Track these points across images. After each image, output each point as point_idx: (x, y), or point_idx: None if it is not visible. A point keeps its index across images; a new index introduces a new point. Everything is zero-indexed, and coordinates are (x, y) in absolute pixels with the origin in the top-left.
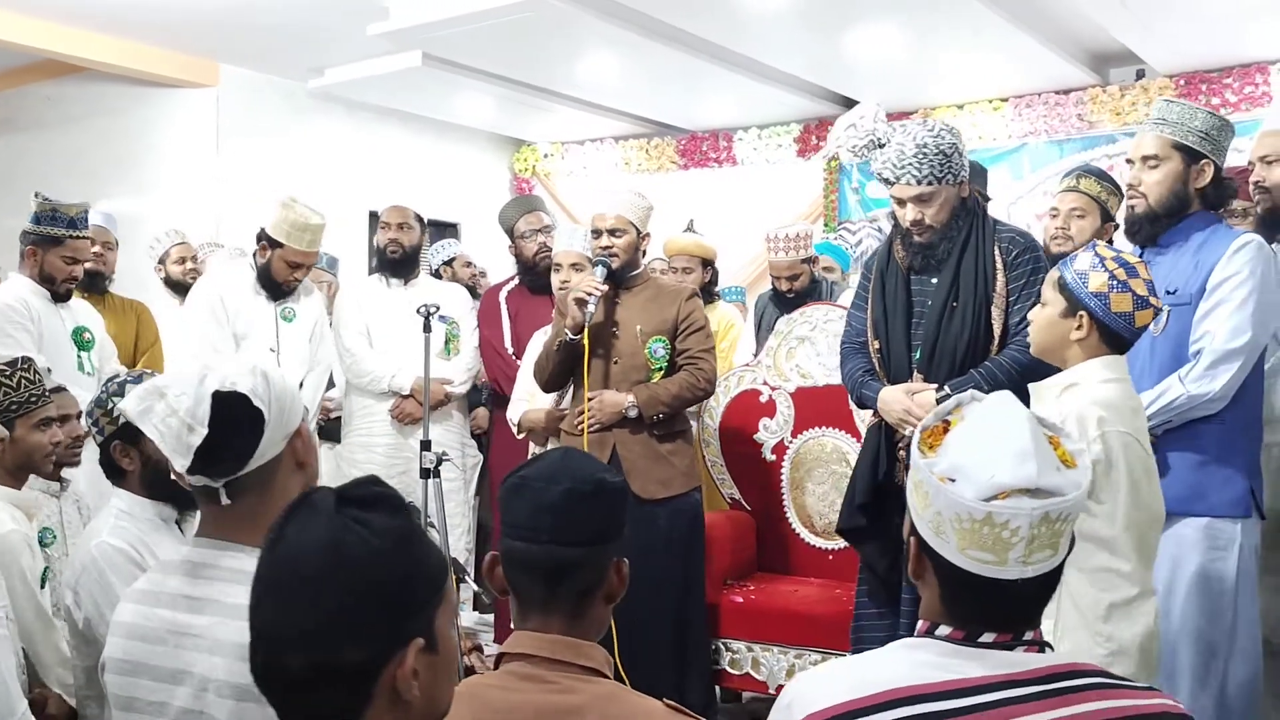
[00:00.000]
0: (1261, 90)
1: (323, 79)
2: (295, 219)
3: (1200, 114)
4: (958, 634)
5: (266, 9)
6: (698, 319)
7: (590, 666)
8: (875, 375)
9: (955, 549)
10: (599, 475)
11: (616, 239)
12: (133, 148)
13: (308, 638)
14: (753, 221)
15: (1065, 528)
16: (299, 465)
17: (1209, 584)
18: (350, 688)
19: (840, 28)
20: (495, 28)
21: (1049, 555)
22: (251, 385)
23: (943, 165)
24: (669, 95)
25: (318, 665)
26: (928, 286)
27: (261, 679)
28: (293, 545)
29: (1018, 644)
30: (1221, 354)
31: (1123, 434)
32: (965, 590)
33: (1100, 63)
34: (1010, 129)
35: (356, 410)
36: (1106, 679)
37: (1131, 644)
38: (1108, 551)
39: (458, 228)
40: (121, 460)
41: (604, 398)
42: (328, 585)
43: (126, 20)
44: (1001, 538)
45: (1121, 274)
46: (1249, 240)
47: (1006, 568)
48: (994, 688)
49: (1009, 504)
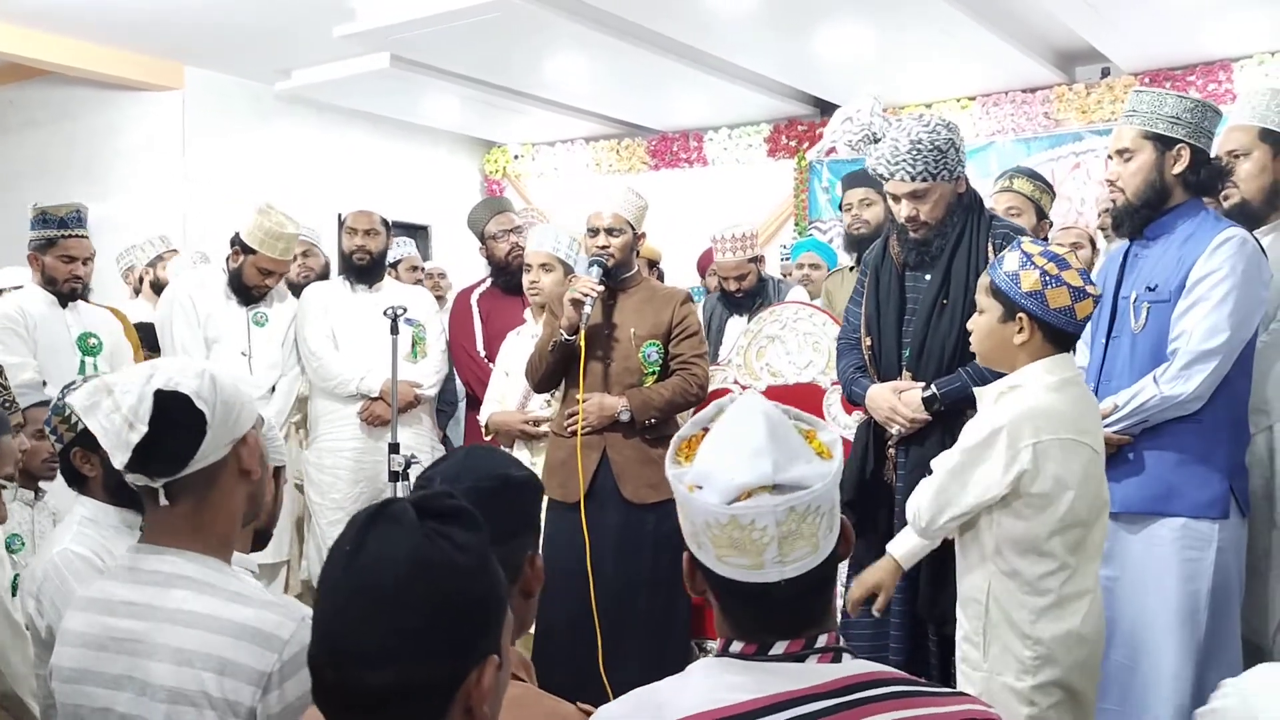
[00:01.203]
0: (1225, 87)
1: (290, 81)
2: (271, 226)
3: (1169, 99)
4: (750, 648)
5: (232, 11)
6: (692, 323)
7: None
8: (866, 372)
9: (714, 558)
10: (503, 471)
11: (613, 238)
12: (98, 152)
13: (394, 653)
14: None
15: (820, 521)
16: (243, 473)
17: (1185, 585)
18: (428, 705)
19: (808, 28)
20: (463, 29)
21: (808, 552)
22: (196, 386)
23: (937, 161)
24: (639, 96)
25: (403, 681)
26: (921, 283)
27: (330, 694)
28: (375, 556)
29: (810, 652)
30: (1197, 354)
31: (1061, 440)
32: (737, 599)
33: (1066, 61)
34: (978, 127)
35: (323, 414)
36: (907, 686)
37: (1055, 643)
38: (1036, 554)
39: (428, 230)
40: (82, 466)
41: (595, 401)
42: (416, 599)
43: (90, 23)
44: (752, 539)
45: (1053, 268)
46: (1231, 236)
47: (765, 570)
48: (789, 704)
49: (751, 503)
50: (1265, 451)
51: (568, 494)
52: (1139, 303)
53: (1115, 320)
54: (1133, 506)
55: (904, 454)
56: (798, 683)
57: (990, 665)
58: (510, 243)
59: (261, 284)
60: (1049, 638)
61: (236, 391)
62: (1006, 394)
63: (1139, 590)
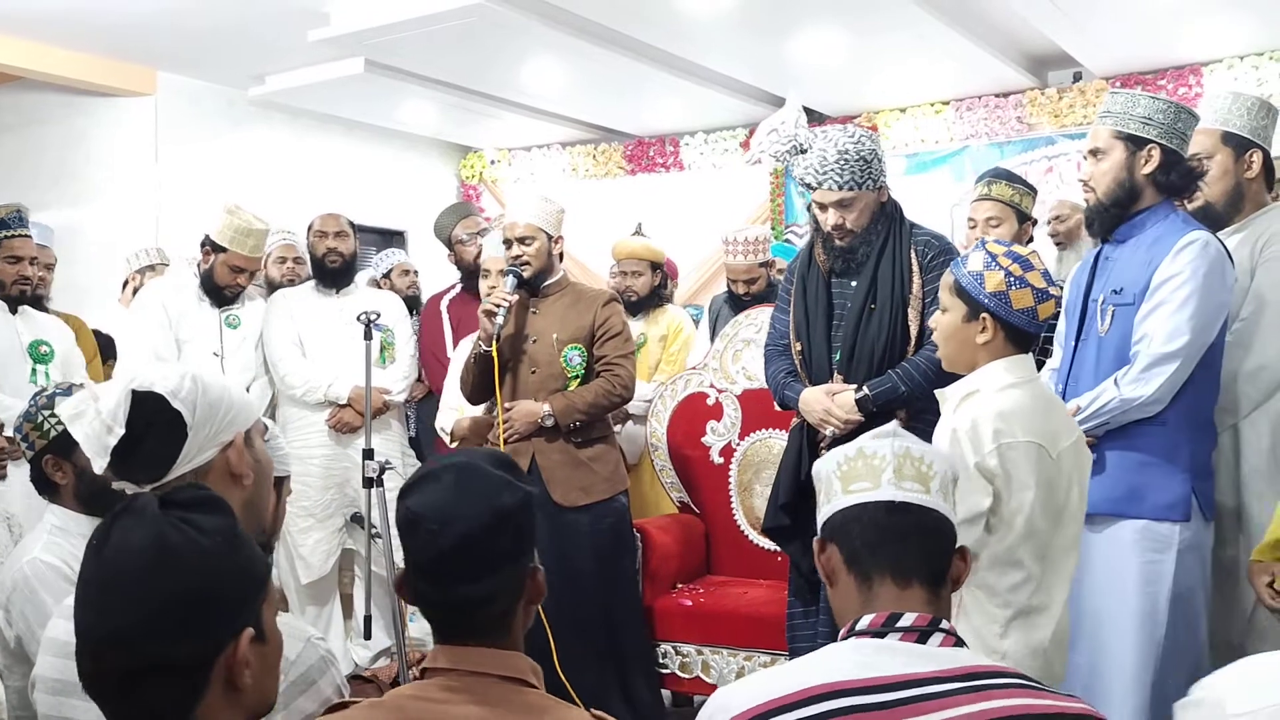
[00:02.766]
0: (1195, 91)
1: (264, 86)
2: (240, 224)
3: (1142, 99)
4: (878, 620)
5: (204, 16)
6: (614, 325)
7: (515, 677)
8: (797, 377)
9: (840, 493)
10: (495, 504)
11: (526, 247)
12: (69, 158)
13: (137, 633)
14: (701, 226)
15: (930, 470)
16: (234, 478)
17: (1145, 587)
18: (184, 680)
19: (782, 32)
20: (438, 33)
21: (919, 489)
22: (173, 387)
23: (863, 171)
24: (615, 101)
25: (151, 662)
26: (847, 289)
27: (92, 680)
28: (118, 547)
29: (935, 630)
30: (1157, 357)
31: (1024, 443)
32: (860, 535)
33: (1038, 66)
34: (952, 131)
35: (290, 421)
36: (1027, 680)
37: (1025, 654)
38: (1007, 565)
39: (404, 235)
40: (54, 474)
41: (519, 408)
42: (155, 583)
43: (60, 27)
44: (873, 465)
45: (1017, 269)
46: (1194, 239)
47: (881, 489)
48: (915, 684)
49: (875, 441)
50: (1231, 451)
51: None
52: (1105, 305)
53: (1084, 323)
54: (1095, 508)
55: None
56: (924, 665)
57: None
58: (478, 246)
59: (234, 283)
60: (1015, 652)
61: (225, 394)
62: (964, 401)
63: (1101, 591)
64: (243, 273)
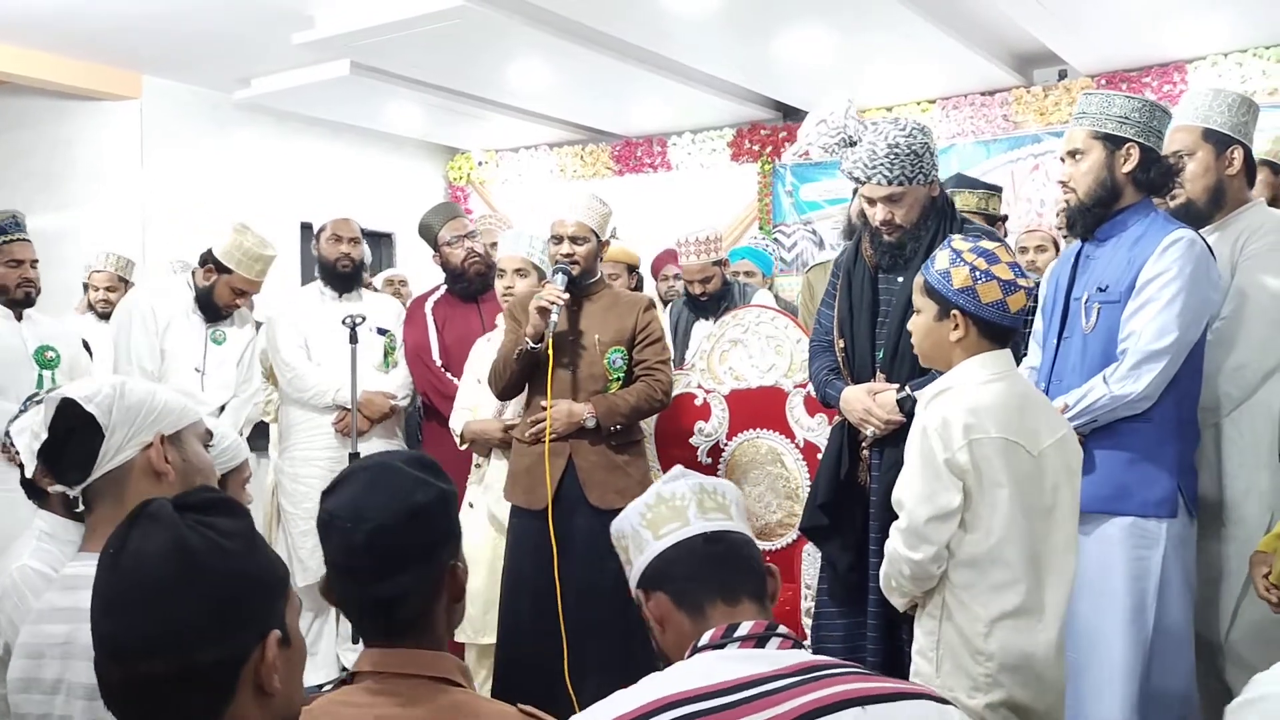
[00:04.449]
0: (1180, 88)
1: (249, 89)
2: (249, 247)
3: (1118, 99)
4: (717, 634)
5: (189, 20)
6: (655, 329)
7: (439, 676)
8: (839, 374)
9: (653, 540)
10: (407, 501)
11: (578, 246)
12: (53, 162)
13: (166, 643)
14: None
15: (725, 500)
16: (157, 475)
17: (1133, 583)
18: (212, 686)
19: (769, 32)
20: (423, 35)
21: (723, 517)
22: (90, 392)
23: (914, 165)
24: (602, 101)
25: (180, 668)
26: (894, 285)
27: (117, 691)
28: (136, 553)
29: (772, 634)
30: (1146, 354)
31: (997, 439)
32: (684, 572)
33: (1024, 64)
34: (938, 130)
35: (296, 423)
36: (862, 670)
37: (1013, 658)
38: (987, 564)
39: (392, 238)
40: (42, 481)
41: (560, 407)
42: (181, 589)
43: (44, 32)
44: (676, 506)
45: (982, 264)
46: (1180, 237)
47: (691, 525)
48: (754, 684)
49: (667, 485)
50: (1213, 448)
51: (533, 501)
52: (1090, 303)
53: (1067, 321)
54: (1083, 505)
55: (878, 455)
56: (763, 666)
57: (942, 680)
58: (465, 248)
59: (232, 303)
60: (1001, 653)
61: (149, 399)
62: (936, 398)
63: (1089, 588)
64: (244, 295)
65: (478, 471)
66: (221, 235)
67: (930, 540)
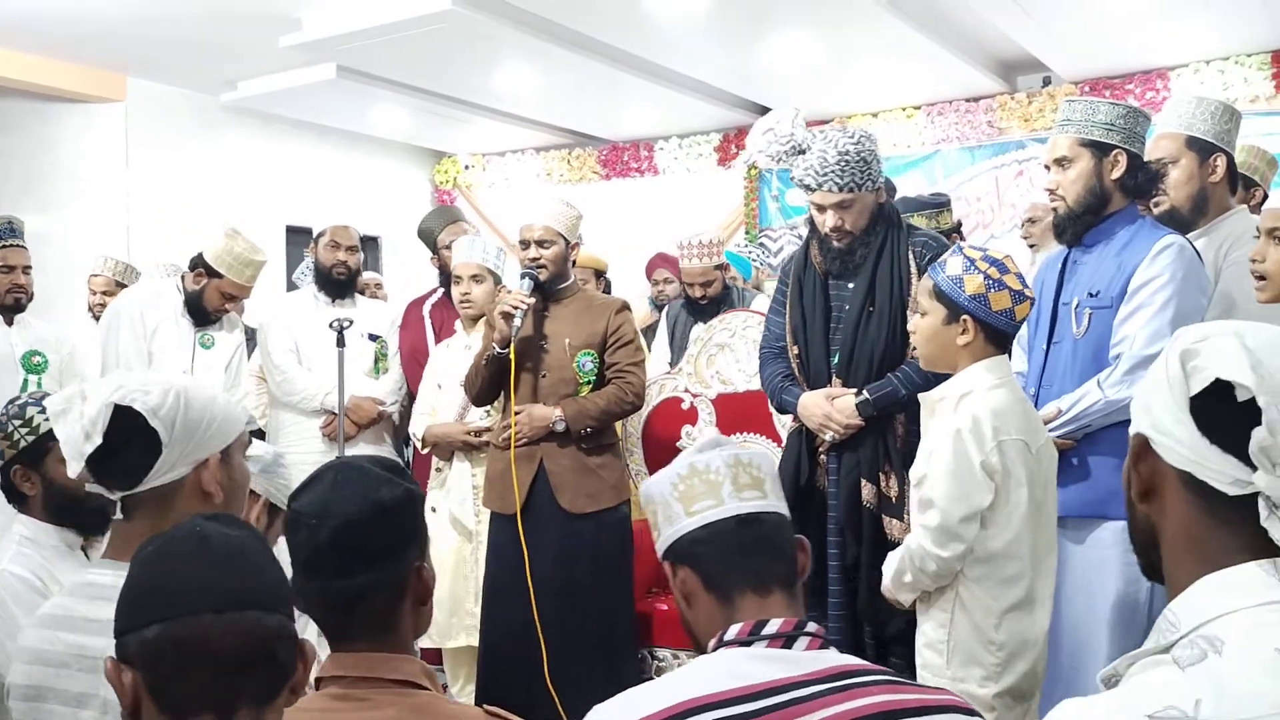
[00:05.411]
0: (1162, 95)
1: (235, 92)
2: (240, 253)
3: (1103, 106)
4: (744, 630)
5: (175, 21)
6: (627, 332)
7: (402, 679)
8: (794, 380)
9: (684, 515)
10: (374, 497)
11: (545, 250)
12: (37, 165)
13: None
14: (675, 230)
15: (760, 473)
16: (204, 495)
17: (1126, 587)
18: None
19: (754, 38)
20: (410, 39)
21: (758, 495)
22: (155, 404)
23: (863, 172)
24: (589, 106)
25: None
26: (845, 291)
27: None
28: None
29: (801, 634)
30: (1140, 359)
31: (1017, 440)
32: (714, 557)
33: (1008, 71)
34: (923, 136)
35: (286, 426)
36: (891, 676)
37: (1018, 644)
38: (1002, 559)
39: (378, 241)
40: (23, 485)
41: (531, 412)
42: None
43: (29, 33)
44: (710, 481)
45: (995, 272)
46: (1170, 243)
47: (724, 505)
48: (783, 689)
49: (703, 455)
50: None
51: (505, 506)
52: (1080, 308)
53: (1055, 326)
54: (1075, 510)
55: (836, 460)
56: (791, 669)
57: (953, 672)
58: None
59: (221, 308)
60: (1010, 642)
61: (207, 410)
62: (965, 398)
63: (1082, 592)
64: (233, 300)
65: (439, 475)
66: (212, 239)
67: (962, 538)
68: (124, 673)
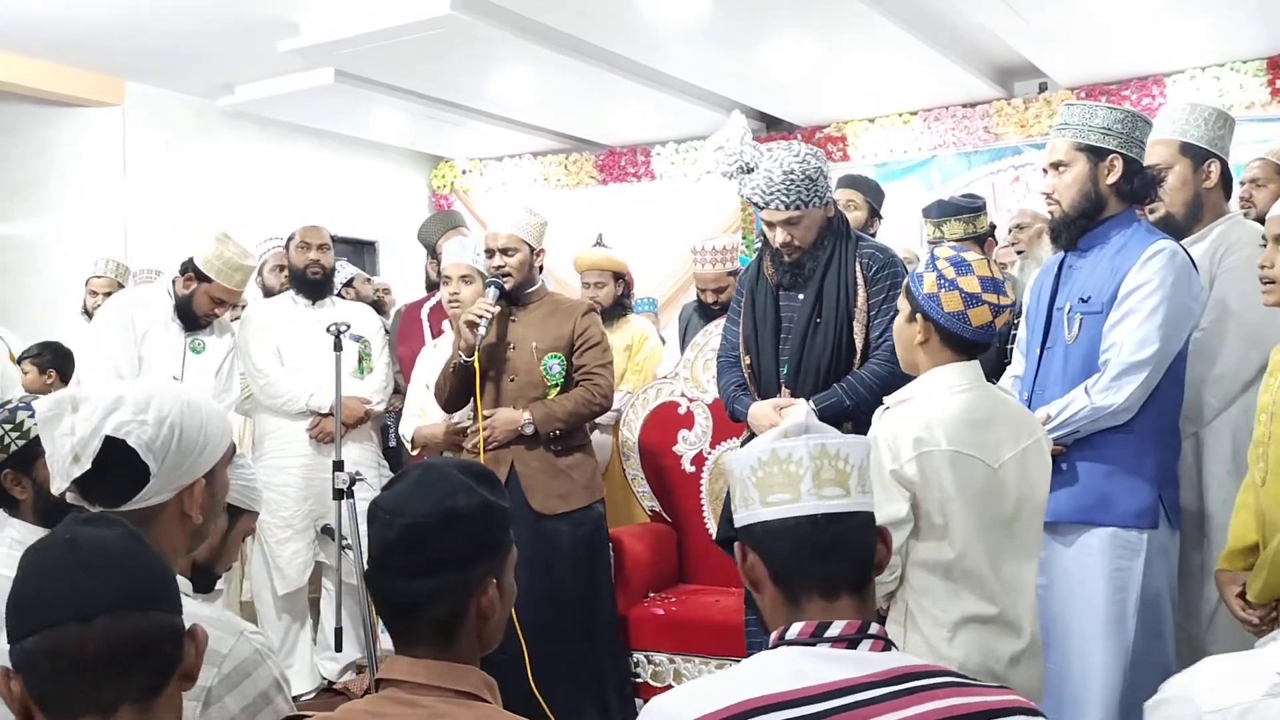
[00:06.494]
0: (1159, 102)
1: (233, 96)
2: (229, 257)
3: (1100, 110)
4: (807, 630)
5: (173, 25)
6: (594, 334)
7: (465, 690)
8: (747, 390)
9: (759, 504)
10: (448, 504)
11: (509, 258)
12: (34, 169)
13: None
14: (672, 236)
15: (847, 466)
16: (184, 517)
17: (1114, 594)
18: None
19: (752, 43)
20: (408, 44)
21: (840, 493)
22: (149, 438)
23: (809, 190)
24: (586, 111)
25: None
26: (795, 303)
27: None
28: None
29: (864, 637)
30: (1127, 365)
31: (948, 452)
32: (784, 554)
33: (1005, 76)
34: (920, 141)
35: (269, 430)
36: (957, 677)
37: (978, 663)
38: (945, 571)
39: (375, 245)
40: (13, 489)
41: (499, 415)
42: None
43: (25, 37)
44: (789, 472)
45: (951, 273)
46: (1161, 249)
47: (801, 501)
48: (847, 691)
49: (787, 441)
50: (1193, 458)
51: None
52: (1072, 314)
53: (1050, 331)
54: (1063, 516)
55: None
56: (855, 670)
57: None
58: None
59: (211, 312)
60: (964, 659)
61: (199, 435)
62: (894, 408)
63: (1069, 599)
64: (223, 304)
65: None
66: (203, 244)
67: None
68: (12, 681)
